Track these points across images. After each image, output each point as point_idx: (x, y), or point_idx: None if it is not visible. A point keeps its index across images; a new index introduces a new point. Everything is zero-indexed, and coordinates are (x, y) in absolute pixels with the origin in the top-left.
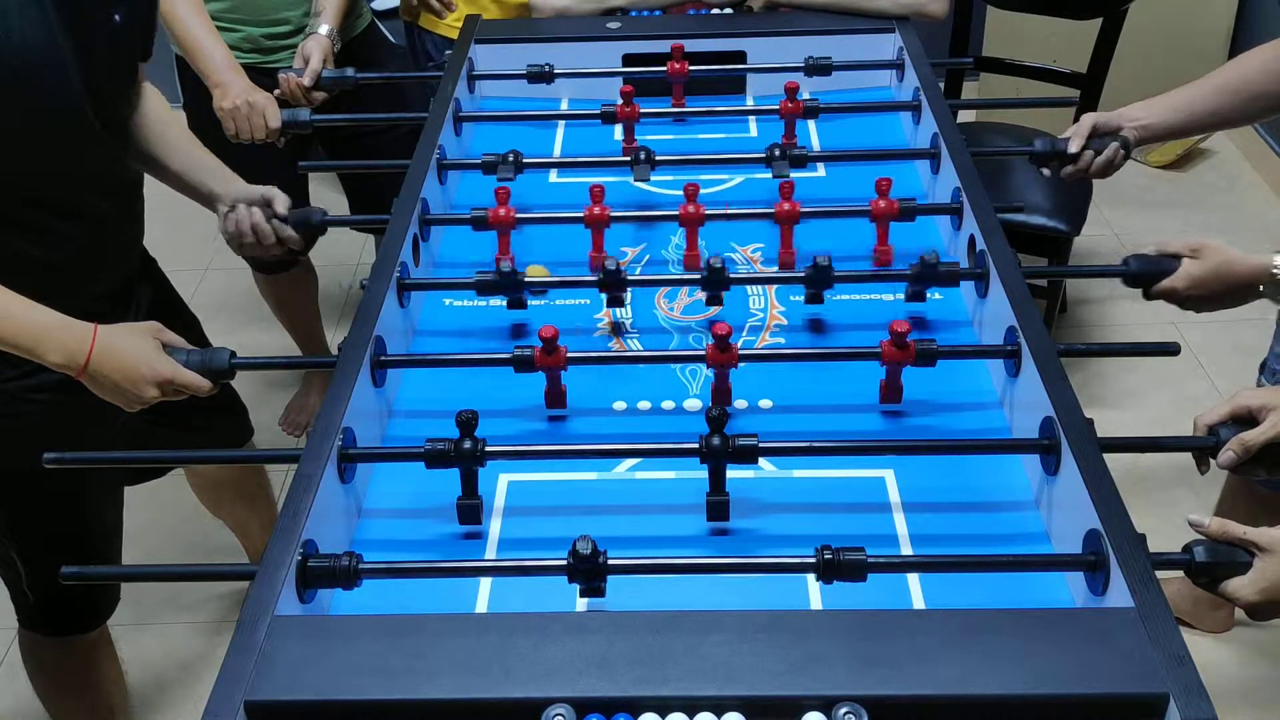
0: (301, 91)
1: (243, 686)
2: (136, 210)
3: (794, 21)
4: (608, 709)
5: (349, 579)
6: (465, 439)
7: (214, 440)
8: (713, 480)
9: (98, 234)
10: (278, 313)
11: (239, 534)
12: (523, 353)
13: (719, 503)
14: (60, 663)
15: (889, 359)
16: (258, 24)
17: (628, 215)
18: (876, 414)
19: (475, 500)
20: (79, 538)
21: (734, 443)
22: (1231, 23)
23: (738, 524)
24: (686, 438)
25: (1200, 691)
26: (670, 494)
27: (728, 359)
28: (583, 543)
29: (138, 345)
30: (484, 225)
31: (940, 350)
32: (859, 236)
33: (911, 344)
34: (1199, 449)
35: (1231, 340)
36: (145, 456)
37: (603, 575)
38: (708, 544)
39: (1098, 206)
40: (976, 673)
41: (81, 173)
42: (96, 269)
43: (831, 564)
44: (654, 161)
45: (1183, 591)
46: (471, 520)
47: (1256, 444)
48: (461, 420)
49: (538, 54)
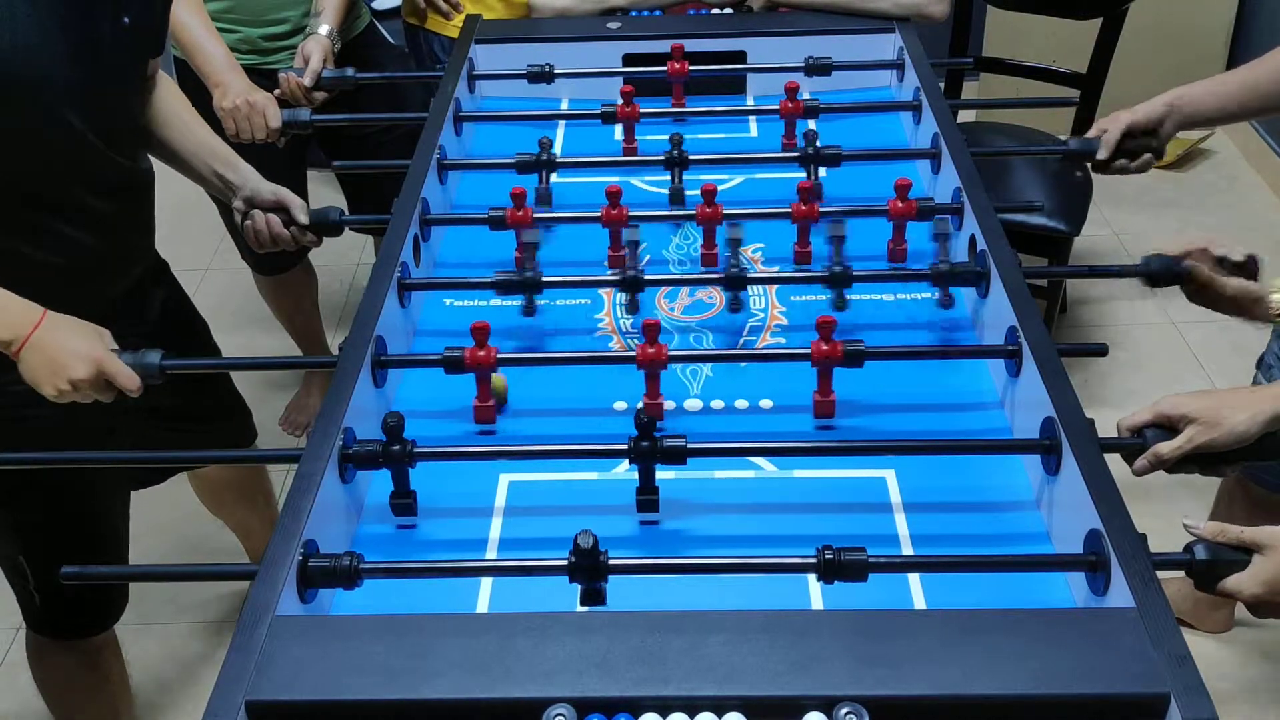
0: (302, 91)
1: (243, 686)
2: (144, 214)
3: (794, 21)
4: (608, 709)
5: (350, 579)
6: (394, 442)
7: (216, 442)
8: (643, 477)
9: (102, 237)
10: (278, 313)
11: (240, 535)
12: (453, 353)
13: (649, 500)
14: (66, 665)
15: (818, 357)
16: (256, 25)
17: (647, 215)
18: (877, 414)
19: (408, 498)
20: (86, 540)
21: (662, 444)
22: (1231, 23)
23: (738, 524)
24: (689, 438)
25: (1201, 691)
26: (670, 494)
27: (657, 357)
28: (584, 536)
29: (83, 330)
30: (501, 225)
31: (868, 351)
32: (859, 236)
33: (837, 343)
34: (1125, 450)
35: (1231, 340)
36: (145, 457)
37: (604, 575)
38: (708, 544)
39: (1098, 206)
40: (977, 673)
41: (82, 175)
42: (102, 272)
43: (832, 564)
44: (686, 161)
45: (1183, 591)
46: (406, 514)
47: (1170, 459)
48: (388, 425)
49: (538, 54)
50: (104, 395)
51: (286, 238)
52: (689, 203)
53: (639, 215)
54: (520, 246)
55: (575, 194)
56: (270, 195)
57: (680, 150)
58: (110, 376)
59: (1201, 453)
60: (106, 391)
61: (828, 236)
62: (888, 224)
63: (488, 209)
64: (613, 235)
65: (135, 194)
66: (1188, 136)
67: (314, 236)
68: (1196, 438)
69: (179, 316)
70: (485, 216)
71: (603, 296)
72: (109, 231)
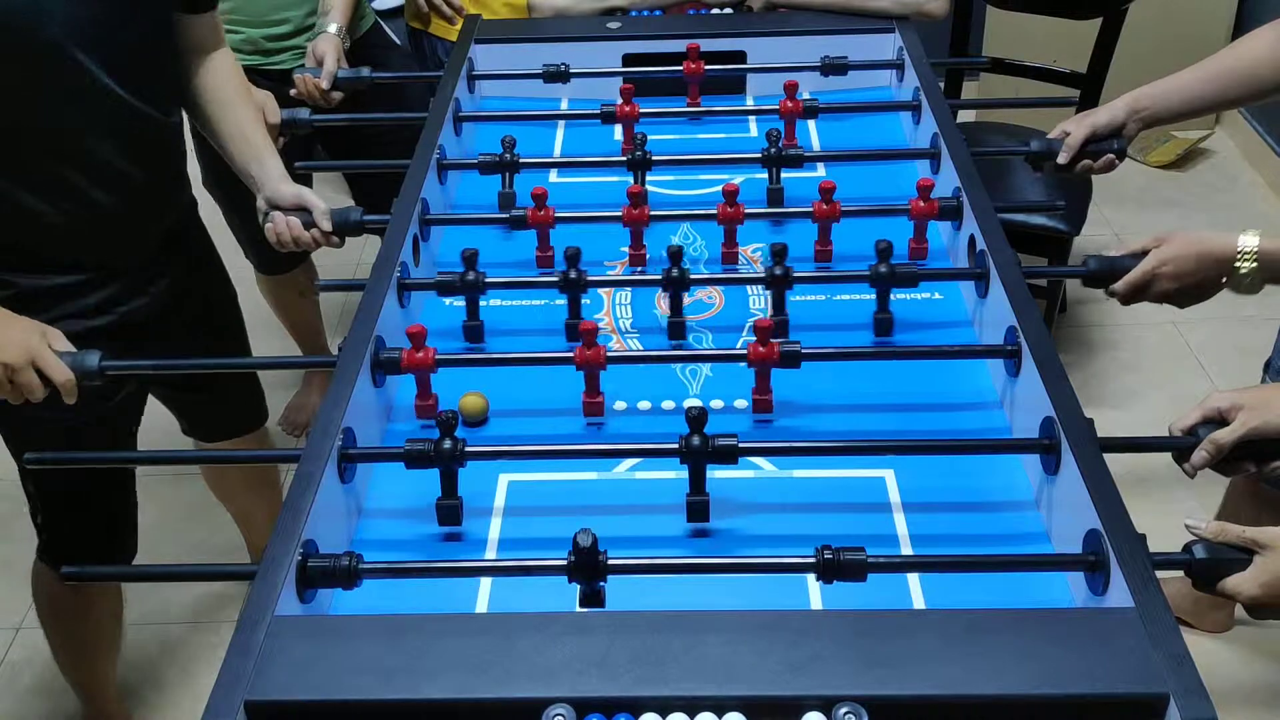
0: (319, 92)
1: (243, 686)
2: (169, 174)
3: (794, 21)
4: (608, 709)
5: (349, 579)
6: (445, 439)
7: (229, 413)
8: (693, 481)
9: (124, 194)
10: (279, 313)
11: (242, 525)
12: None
13: (699, 503)
14: (67, 605)
15: (754, 359)
16: (258, 25)
17: (667, 214)
18: (877, 414)
19: (455, 500)
20: (84, 479)
21: (713, 443)
22: (1231, 23)
23: (738, 524)
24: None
25: (1200, 691)
26: (670, 494)
27: (595, 357)
28: (583, 535)
29: (25, 324)
30: (523, 225)
31: (805, 353)
32: (864, 236)
33: (773, 344)
34: (1179, 449)
35: (1233, 340)
36: (144, 457)
37: (603, 574)
38: (708, 544)
39: (1098, 206)
40: (976, 673)
41: (97, 128)
42: (125, 229)
43: (831, 564)
44: (650, 162)
45: (1183, 591)
46: (451, 521)
47: (1228, 443)
48: (442, 420)
49: (537, 54)
50: (34, 392)
51: (307, 239)
52: (653, 203)
53: (660, 215)
54: (542, 245)
55: (575, 194)
56: (291, 196)
57: (644, 151)
58: (42, 365)
59: (1255, 442)
60: (37, 389)
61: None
62: (874, 222)
63: (509, 211)
64: (634, 235)
65: (159, 150)
66: (1187, 136)
67: (337, 238)
68: (1249, 421)
69: (210, 266)
70: (498, 216)
71: (602, 296)
72: (134, 190)
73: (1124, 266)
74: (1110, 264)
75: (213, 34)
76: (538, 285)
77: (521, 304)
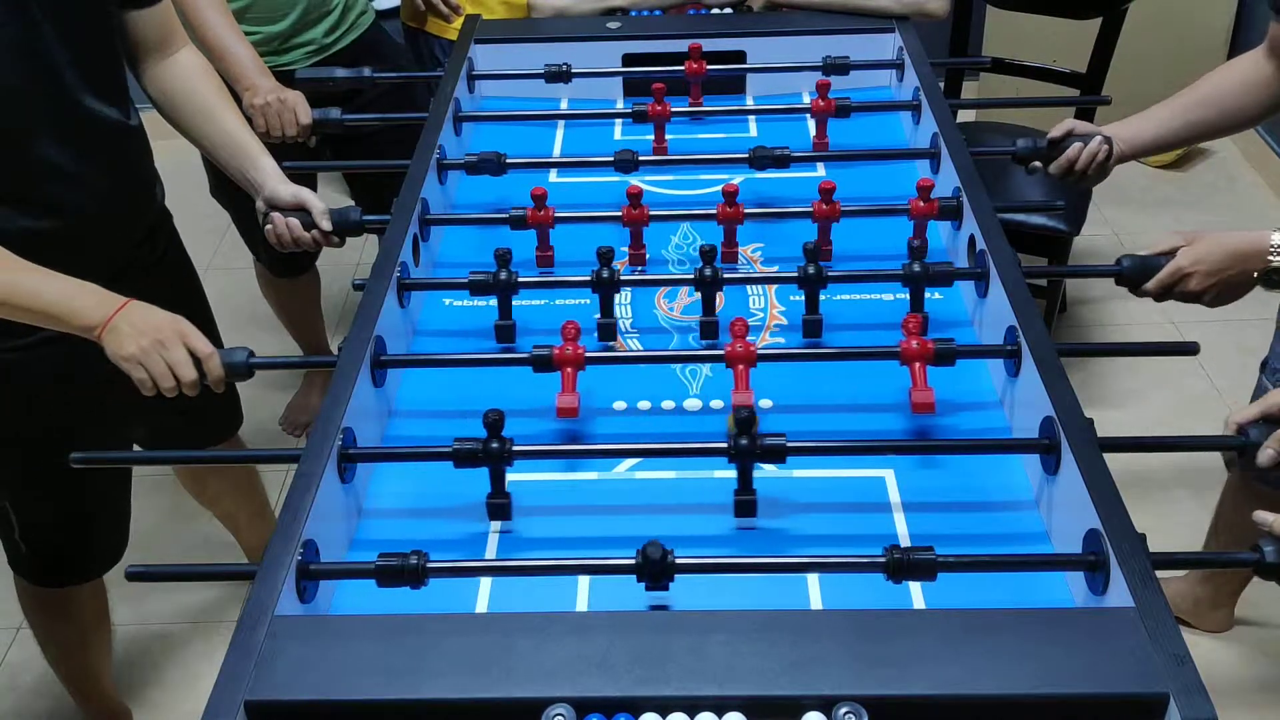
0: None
1: (243, 686)
2: (132, 178)
3: (794, 21)
4: (608, 709)
5: (417, 578)
6: (493, 439)
7: (203, 416)
8: (741, 480)
9: (81, 199)
10: (279, 313)
11: (228, 527)
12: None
13: (746, 501)
14: (47, 606)
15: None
16: (271, 23)
17: (666, 214)
18: (876, 414)
19: (504, 499)
20: (68, 494)
21: (762, 443)
22: (1231, 22)
23: (737, 524)
24: (687, 437)
25: (1200, 691)
26: (671, 494)
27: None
28: (653, 547)
29: (164, 311)
30: (523, 225)
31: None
32: (862, 235)
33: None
34: (1229, 448)
35: (1233, 340)
36: (145, 457)
37: (670, 574)
38: (709, 543)
39: (1098, 206)
40: (976, 673)
41: (45, 128)
42: (89, 235)
43: (901, 563)
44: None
45: (1183, 591)
46: (501, 517)
47: None
48: (489, 421)
49: (537, 54)
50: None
51: (307, 240)
52: (653, 203)
53: (660, 215)
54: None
55: (576, 194)
56: (290, 197)
57: (630, 150)
58: (185, 336)
59: None
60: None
61: None
62: (874, 222)
63: (509, 209)
64: (633, 235)
65: (122, 145)
66: None
67: (337, 239)
68: None
69: (181, 269)
70: (498, 216)
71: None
72: (95, 191)
73: (1157, 266)
74: (1143, 263)
75: (167, 31)
76: (570, 285)
77: (522, 304)
